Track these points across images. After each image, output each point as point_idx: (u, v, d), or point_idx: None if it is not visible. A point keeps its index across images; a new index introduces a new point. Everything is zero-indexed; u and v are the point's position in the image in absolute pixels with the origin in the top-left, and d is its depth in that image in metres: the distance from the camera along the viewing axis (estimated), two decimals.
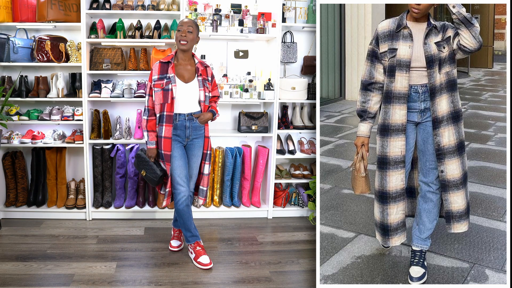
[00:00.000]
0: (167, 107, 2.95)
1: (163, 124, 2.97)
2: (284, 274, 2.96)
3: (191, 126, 3.03)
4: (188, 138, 3.05)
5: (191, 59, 3.07)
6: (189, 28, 2.96)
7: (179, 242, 3.29)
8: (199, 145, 3.10)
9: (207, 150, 3.13)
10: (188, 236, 3.07)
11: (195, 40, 3.02)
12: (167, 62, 3.00)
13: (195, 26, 3.01)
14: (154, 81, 2.97)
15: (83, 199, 3.91)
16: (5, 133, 3.77)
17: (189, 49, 3.00)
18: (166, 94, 2.94)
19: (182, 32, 2.94)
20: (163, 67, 2.99)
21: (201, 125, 3.07)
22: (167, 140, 2.98)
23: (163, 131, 2.98)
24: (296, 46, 4.12)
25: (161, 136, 2.99)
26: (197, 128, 3.06)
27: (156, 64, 3.01)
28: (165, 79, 2.95)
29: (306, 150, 4.19)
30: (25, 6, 3.71)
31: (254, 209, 4.08)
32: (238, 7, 3.96)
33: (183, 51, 2.99)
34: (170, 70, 2.97)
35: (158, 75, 2.97)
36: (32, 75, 3.93)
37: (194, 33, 2.99)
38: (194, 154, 3.10)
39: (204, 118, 3.04)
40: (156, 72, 2.98)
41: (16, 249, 3.21)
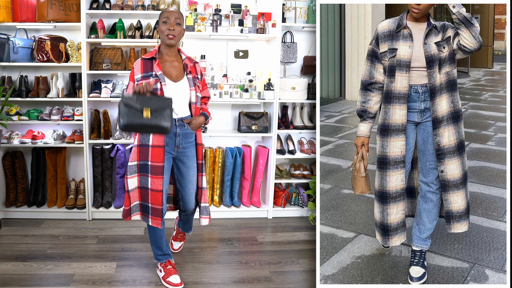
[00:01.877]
0: None
1: None
2: (284, 274, 2.96)
3: (182, 133, 2.63)
4: (178, 147, 2.64)
5: (177, 55, 2.69)
6: (176, 20, 2.57)
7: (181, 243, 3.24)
8: (192, 154, 2.70)
9: (201, 159, 2.73)
10: (158, 255, 2.77)
11: (182, 33, 2.63)
12: (151, 58, 2.59)
13: (182, 17, 2.63)
14: (138, 80, 2.54)
15: (83, 199, 3.91)
16: (5, 133, 3.77)
17: (176, 44, 2.64)
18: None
19: (169, 25, 2.56)
20: (146, 64, 2.58)
21: (192, 132, 2.67)
22: (157, 149, 2.54)
23: (150, 139, 2.55)
24: (296, 46, 4.12)
25: (147, 144, 2.55)
26: (188, 135, 2.66)
27: (137, 61, 2.60)
28: (151, 78, 2.53)
29: (306, 150, 4.19)
30: (25, 6, 3.72)
31: (254, 209, 4.08)
32: (238, 7, 3.96)
33: (170, 46, 2.61)
34: (155, 67, 2.56)
35: (142, 73, 2.55)
36: (32, 75, 3.93)
37: (181, 25, 2.61)
38: (188, 166, 2.69)
39: (196, 123, 2.63)
40: (138, 70, 2.56)
41: (16, 249, 3.21)
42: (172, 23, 2.57)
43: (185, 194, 2.74)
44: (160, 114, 2.31)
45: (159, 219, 2.61)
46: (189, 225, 2.98)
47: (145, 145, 2.57)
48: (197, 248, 3.32)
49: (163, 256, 2.78)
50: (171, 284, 2.70)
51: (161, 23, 2.60)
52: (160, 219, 2.61)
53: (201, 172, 2.75)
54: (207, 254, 3.25)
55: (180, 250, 3.25)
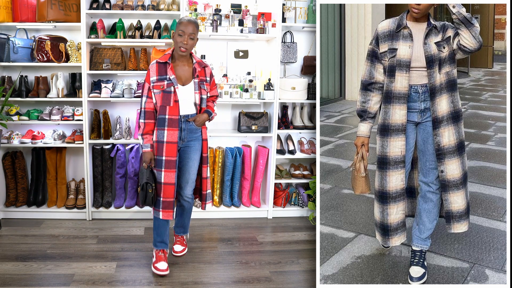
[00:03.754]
0: (169, 110, 2.82)
1: (164, 128, 2.83)
2: (284, 274, 2.96)
3: (187, 128, 2.92)
4: (183, 140, 2.93)
5: (189, 59, 2.95)
6: (191, 35, 2.80)
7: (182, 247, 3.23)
8: (195, 148, 2.97)
9: (206, 152, 3.02)
10: (157, 241, 2.96)
11: (195, 44, 2.88)
12: (165, 62, 2.87)
13: (197, 30, 2.85)
14: (153, 82, 2.84)
15: (83, 199, 3.91)
16: (5, 133, 3.77)
17: (188, 54, 2.89)
18: (168, 97, 2.82)
19: (183, 38, 2.78)
20: (160, 67, 2.86)
21: (197, 128, 2.96)
22: (172, 145, 2.85)
23: (164, 135, 2.84)
24: (296, 46, 4.12)
25: (162, 141, 2.85)
26: (193, 130, 2.95)
27: (153, 64, 2.88)
28: (165, 81, 2.83)
29: (306, 150, 4.19)
30: (25, 6, 3.71)
31: (254, 209, 4.08)
32: (238, 7, 3.96)
33: (181, 56, 2.88)
34: (169, 72, 2.85)
35: (157, 76, 2.84)
36: (32, 75, 3.93)
37: (195, 38, 2.85)
38: (190, 158, 2.97)
39: (200, 120, 2.93)
40: (154, 73, 2.85)
41: (16, 249, 3.21)
42: (186, 38, 2.80)
43: (182, 181, 3.00)
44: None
45: (171, 211, 2.89)
46: (183, 222, 3.17)
47: (159, 141, 2.86)
48: (197, 248, 3.32)
49: (161, 244, 2.97)
50: (157, 270, 2.89)
51: (177, 33, 2.82)
52: (171, 211, 2.90)
53: (206, 164, 3.04)
54: (207, 254, 3.25)
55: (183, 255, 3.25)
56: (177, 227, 3.21)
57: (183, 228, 3.21)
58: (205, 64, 2.98)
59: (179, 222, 3.18)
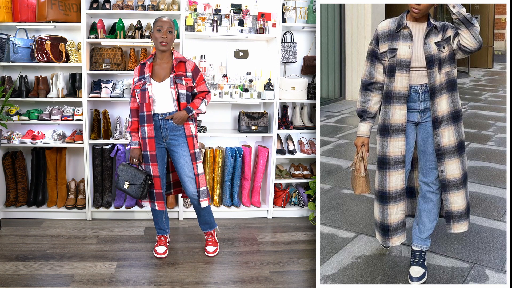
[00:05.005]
0: (145, 107, 2.95)
1: (144, 124, 2.97)
2: (284, 274, 2.96)
3: (166, 126, 2.98)
4: (166, 138, 3.01)
5: (169, 57, 3.03)
6: (169, 29, 2.94)
7: (214, 247, 3.21)
8: (181, 145, 3.02)
9: (193, 149, 3.03)
10: (156, 229, 3.23)
11: (173, 39, 3.00)
12: (144, 63, 3.02)
13: (174, 25, 3.00)
14: (135, 82, 3.02)
15: (83, 199, 3.91)
16: (5, 133, 3.77)
17: (168, 49, 2.99)
18: (144, 94, 2.95)
19: (162, 33, 2.92)
20: (142, 68, 3.02)
21: (176, 125, 2.99)
22: (151, 140, 2.99)
23: (145, 131, 2.98)
24: (296, 46, 4.12)
25: (144, 137, 2.99)
26: (173, 128, 3.00)
27: (137, 66, 3.06)
28: (142, 80, 2.97)
29: (306, 150, 4.19)
30: (25, 6, 3.72)
31: (254, 209, 4.08)
32: (238, 7, 3.96)
33: (162, 51, 2.98)
34: (146, 70, 2.98)
35: (138, 76, 3.01)
36: (32, 75, 3.93)
37: (173, 32, 2.98)
38: (179, 154, 3.02)
39: (177, 117, 2.95)
40: (136, 74, 3.03)
41: (16, 249, 3.21)
42: (165, 31, 2.93)
43: (181, 180, 3.09)
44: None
45: (162, 202, 3.11)
46: (204, 219, 3.19)
47: (143, 137, 3.02)
48: (197, 248, 3.32)
49: (159, 230, 3.23)
50: (156, 252, 3.15)
51: (155, 30, 2.95)
52: (163, 201, 3.11)
53: (195, 161, 3.05)
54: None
55: (180, 251, 3.25)
56: (201, 224, 3.23)
57: (208, 225, 3.22)
58: (185, 59, 3.04)
59: (200, 220, 3.21)
